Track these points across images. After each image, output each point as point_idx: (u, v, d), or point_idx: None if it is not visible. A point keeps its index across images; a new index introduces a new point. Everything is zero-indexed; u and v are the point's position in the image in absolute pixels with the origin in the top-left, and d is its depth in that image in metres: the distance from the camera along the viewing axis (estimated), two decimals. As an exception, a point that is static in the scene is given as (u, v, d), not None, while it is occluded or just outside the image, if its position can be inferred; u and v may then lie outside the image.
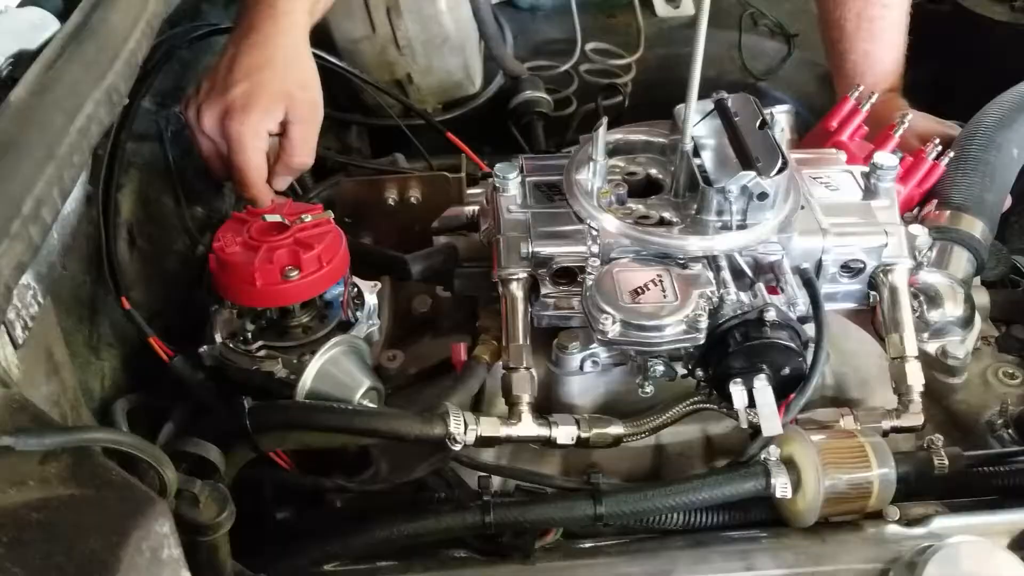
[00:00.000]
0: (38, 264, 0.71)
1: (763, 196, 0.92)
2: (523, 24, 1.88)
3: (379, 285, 1.09)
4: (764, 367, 0.90)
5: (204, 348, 1.00)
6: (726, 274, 0.93)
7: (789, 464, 0.89)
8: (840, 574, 0.87)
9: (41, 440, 0.57)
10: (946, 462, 0.93)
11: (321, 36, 1.55)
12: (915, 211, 1.18)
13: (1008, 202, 1.26)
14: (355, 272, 1.07)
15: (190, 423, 0.93)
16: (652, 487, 0.88)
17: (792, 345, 0.89)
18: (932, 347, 1.09)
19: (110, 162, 1.08)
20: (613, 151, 1.06)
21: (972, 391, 1.09)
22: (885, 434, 0.96)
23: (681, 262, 0.94)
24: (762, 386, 0.89)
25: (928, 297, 1.10)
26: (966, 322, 1.10)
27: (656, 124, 1.09)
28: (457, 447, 0.88)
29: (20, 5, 0.92)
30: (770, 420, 0.88)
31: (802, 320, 0.94)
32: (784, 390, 0.91)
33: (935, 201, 1.17)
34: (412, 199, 1.22)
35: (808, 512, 0.88)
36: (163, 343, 1.02)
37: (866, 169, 1.04)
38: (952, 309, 1.10)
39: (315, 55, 1.39)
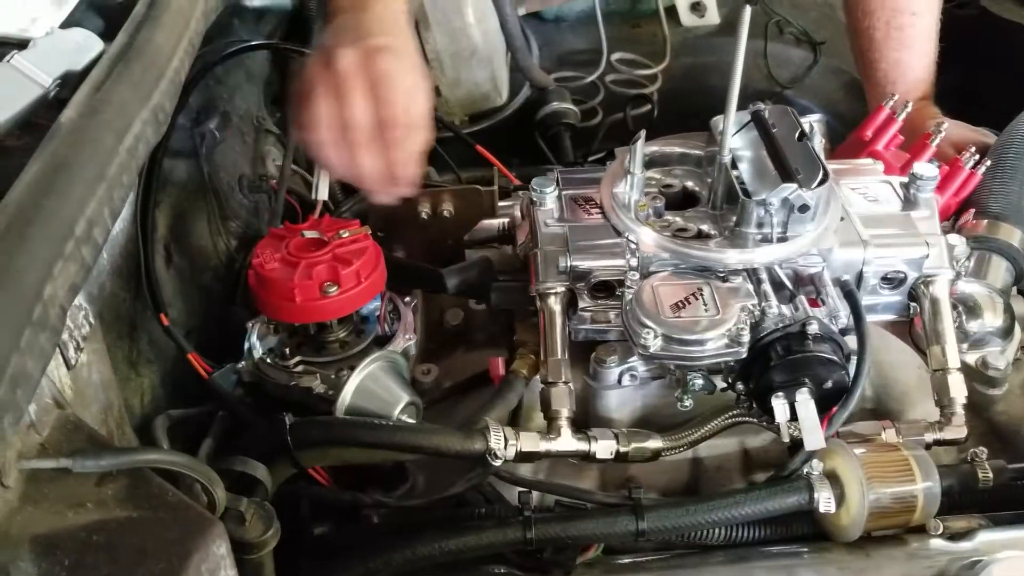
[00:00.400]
0: (89, 285, 0.72)
1: (804, 208, 0.92)
2: (548, 35, 1.88)
3: (415, 300, 1.09)
4: (806, 380, 0.89)
5: (242, 364, 1.01)
6: (767, 287, 0.92)
7: (832, 478, 0.88)
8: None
9: (98, 462, 0.57)
10: (990, 475, 0.92)
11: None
12: (952, 220, 1.18)
13: None
14: (390, 286, 1.08)
15: (230, 439, 0.94)
16: (694, 502, 0.88)
17: (835, 358, 0.89)
18: (972, 358, 1.07)
19: (147, 180, 1.08)
20: (649, 163, 1.06)
21: (1013, 402, 1.08)
22: (928, 447, 0.95)
23: (721, 275, 0.93)
24: (804, 399, 0.88)
25: (967, 307, 1.09)
26: (1006, 332, 1.09)
27: (692, 136, 1.09)
28: (498, 462, 0.88)
29: (63, 26, 0.93)
30: (813, 434, 0.88)
31: (843, 332, 0.94)
32: (826, 403, 0.90)
33: (972, 210, 1.16)
34: (445, 212, 1.22)
35: (852, 527, 0.87)
36: (201, 359, 1.02)
37: (905, 179, 1.03)
38: (991, 319, 1.08)
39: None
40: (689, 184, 1.06)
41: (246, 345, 1.03)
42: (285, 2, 1.50)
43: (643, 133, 0.98)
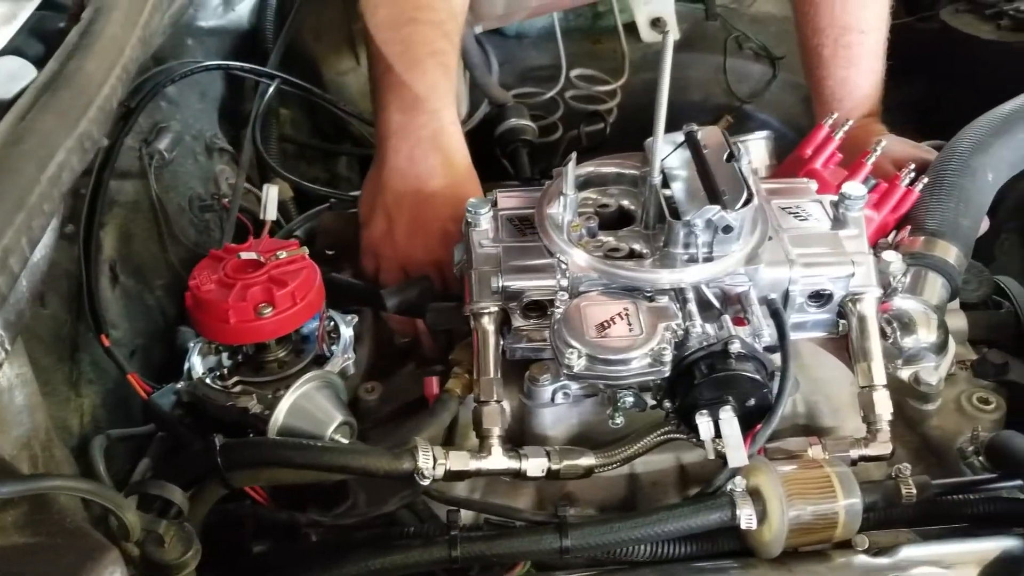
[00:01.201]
0: (6, 312, 0.73)
1: (728, 229, 0.93)
2: (510, 51, 1.90)
3: (356, 318, 1.10)
4: (730, 398, 0.90)
5: (181, 384, 1.02)
6: (692, 306, 0.94)
7: (755, 495, 0.90)
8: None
9: (-1, 489, 0.58)
10: (914, 491, 0.93)
11: (308, 68, 1.58)
12: (890, 237, 1.19)
13: (985, 225, 1.26)
14: (334, 305, 1.09)
15: (165, 460, 0.95)
16: (618, 519, 0.89)
17: (757, 376, 0.90)
18: (906, 373, 1.09)
19: (92, 201, 1.10)
20: (586, 183, 1.07)
21: (946, 417, 1.10)
22: (854, 463, 0.97)
23: (648, 295, 0.95)
24: (728, 417, 0.90)
25: (902, 323, 1.10)
26: (940, 348, 1.11)
27: (629, 156, 1.11)
28: (426, 482, 0.90)
29: (3, 52, 0.94)
30: (736, 451, 0.89)
31: (771, 350, 0.95)
32: (751, 421, 0.92)
33: (909, 227, 1.18)
34: (393, 231, 1.24)
35: (774, 543, 0.88)
36: (143, 379, 1.04)
37: (835, 198, 1.04)
38: (926, 335, 1.10)
39: (300, 87, 1.42)
40: (625, 203, 1.07)
41: (186, 365, 1.04)
42: (241, 21, 1.52)
43: (574, 155, 0.99)
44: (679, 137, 1.06)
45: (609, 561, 0.92)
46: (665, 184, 1.02)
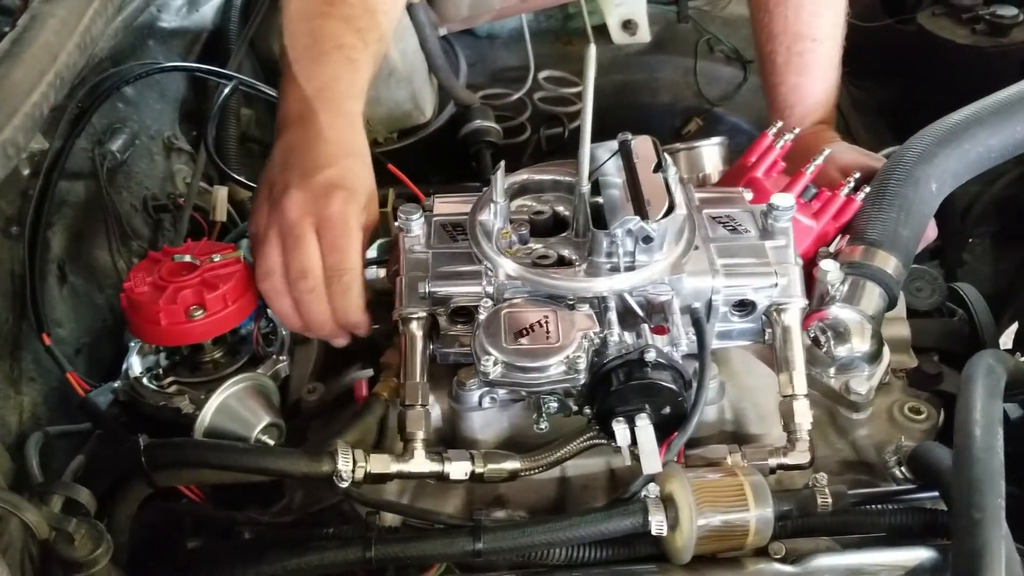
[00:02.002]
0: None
1: (648, 240, 0.94)
2: (481, 51, 1.92)
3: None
4: (646, 406, 0.92)
5: (118, 383, 1.04)
6: (612, 315, 0.95)
7: (668, 502, 0.91)
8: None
9: None
10: (829, 500, 0.94)
11: (268, 65, 1.60)
12: (832, 246, 1.20)
13: (932, 234, 1.27)
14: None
15: (93, 458, 0.97)
16: (532, 524, 0.91)
17: (672, 386, 0.92)
18: (838, 382, 1.10)
19: (39, 202, 1.12)
20: (522, 190, 1.09)
21: (877, 427, 1.11)
22: (772, 471, 0.98)
23: (571, 303, 0.96)
24: (643, 425, 0.91)
25: (836, 332, 1.11)
26: (873, 357, 1.11)
27: (566, 163, 1.12)
28: (344, 484, 0.91)
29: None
30: (650, 458, 0.91)
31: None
32: (667, 428, 0.93)
33: (847, 236, 1.19)
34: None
35: (685, 549, 0.90)
36: (82, 379, 1.06)
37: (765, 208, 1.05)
38: (859, 344, 1.10)
39: (257, 88, 1.43)
40: (560, 210, 1.09)
41: (124, 365, 1.06)
42: (205, 22, 1.54)
43: (502, 164, 1.01)
44: (614, 146, 1.08)
45: (527, 564, 0.94)
46: (598, 192, 1.04)
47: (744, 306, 1.01)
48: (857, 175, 1.20)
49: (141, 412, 1.03)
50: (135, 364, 1.05)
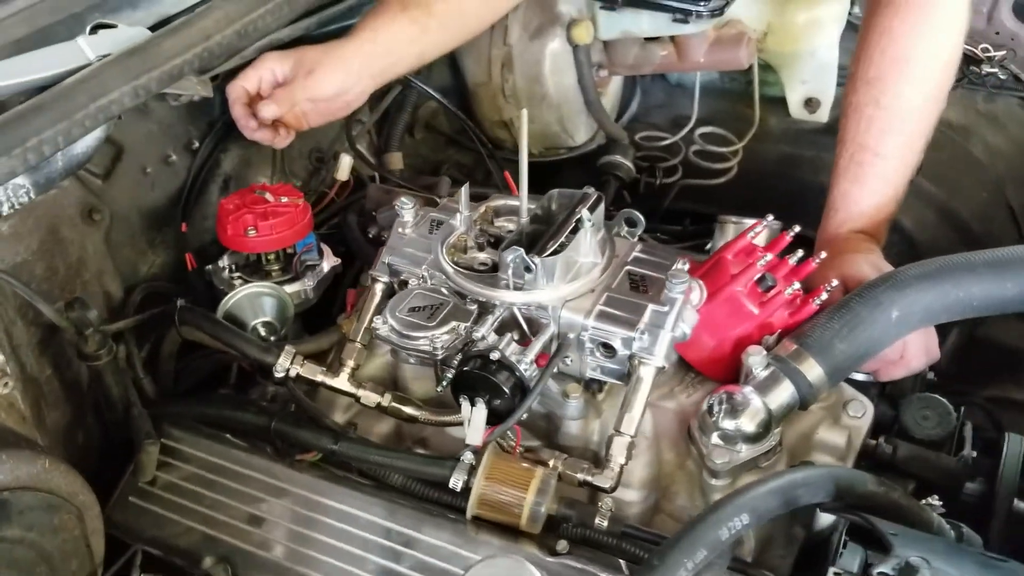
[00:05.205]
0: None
1: (528, 269, 1.18)
2: (669, 96, 2.13)
3: (339, 261, 1.50)
4: (485, 394, 1.17)
5: (209, 267, 1.49)
6: (491, 318, 1.20)
7: (473, 469, 1.16)
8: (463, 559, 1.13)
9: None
10: (605, 523, 1.13)
11: (455, 76, 1.98)
12: (774, 337, 1.30)
13: (917, 366, 1.31)
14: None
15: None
16: (376, 447, 1.22)
17: (504, 385, 1.15)
18: (708, 448, 1.23)
19: (222, 126, 1.60)
20: (502, 211, 1.36)
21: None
22: (581, 484, 1.17)
23: (468, 300, 1.23)
24: (478, 407, 1.17)
25: (731, 406, 1.23)
26: (752, 439, 1.22)
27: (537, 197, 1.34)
28: (279, 375, 1.28)
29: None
30: (474, 432, 1.16)
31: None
32: (500, 417, 1.17)
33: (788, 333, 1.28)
34: (417, 211, 1.60)
35: (470, 507, 1.15)
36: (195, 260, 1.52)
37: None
38: (745, 424, 1.21)
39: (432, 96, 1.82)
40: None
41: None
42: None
43: (467, 184, 1.29)
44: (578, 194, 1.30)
45: (371, 476, 1.24)
46: (547, 222, 1.28)
47: (608, 348, 1.20)
48: (834, 283, 1.29)
49: (213, 290, 1.48)
50: (225, 258, 1.50)
